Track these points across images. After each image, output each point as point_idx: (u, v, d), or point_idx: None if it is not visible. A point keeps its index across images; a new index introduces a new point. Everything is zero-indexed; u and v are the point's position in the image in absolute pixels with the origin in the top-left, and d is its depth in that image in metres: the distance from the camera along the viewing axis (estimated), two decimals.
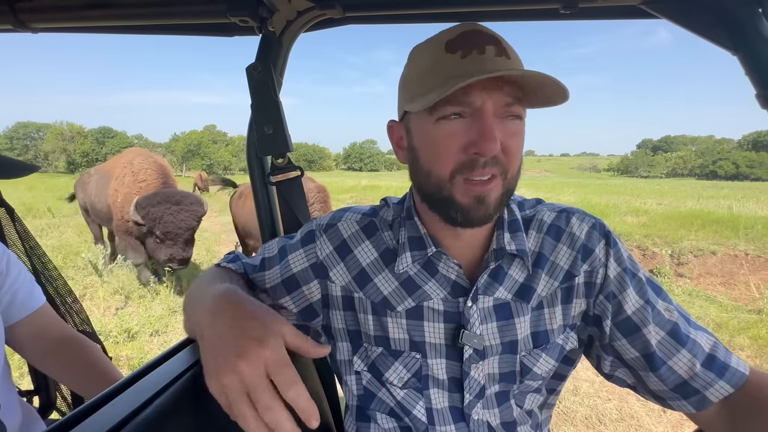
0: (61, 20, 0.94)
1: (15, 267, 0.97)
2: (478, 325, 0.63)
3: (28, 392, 1.22)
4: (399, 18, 0.90)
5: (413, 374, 0.65)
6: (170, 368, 0.55)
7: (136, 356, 3.27)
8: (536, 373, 0.65)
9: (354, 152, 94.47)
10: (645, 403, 2.68)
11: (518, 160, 0.56)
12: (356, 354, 0.69)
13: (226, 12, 0.81)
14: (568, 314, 0.65)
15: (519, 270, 0.64)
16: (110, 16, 0.90)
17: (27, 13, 0.95)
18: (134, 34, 0.99)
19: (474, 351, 0.63)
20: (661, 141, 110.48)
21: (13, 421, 0.87)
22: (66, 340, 1.00)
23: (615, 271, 0.63)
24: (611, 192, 17.64)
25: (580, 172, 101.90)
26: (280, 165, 0.91)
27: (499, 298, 0.63)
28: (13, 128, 65.05)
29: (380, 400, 0.68)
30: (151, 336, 3.71)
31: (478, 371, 0.64)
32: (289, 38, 0.90)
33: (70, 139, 60.87)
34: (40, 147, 62.55)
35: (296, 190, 0.92)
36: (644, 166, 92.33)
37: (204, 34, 0.99)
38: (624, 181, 45.85)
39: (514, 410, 0.67)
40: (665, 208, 9.92)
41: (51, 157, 60.50)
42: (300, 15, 0.86)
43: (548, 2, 0.78)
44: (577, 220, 0.66)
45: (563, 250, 0.64)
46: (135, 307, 4.37)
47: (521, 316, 0.63)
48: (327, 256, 0.69)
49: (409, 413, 0.66)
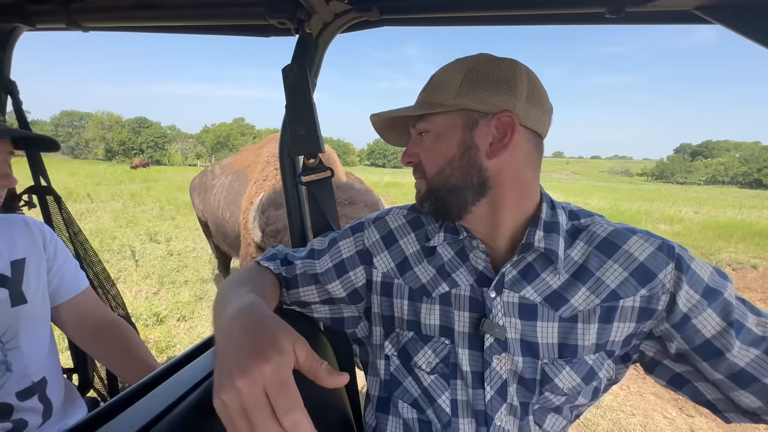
0: (111, 20, 0.99)
1: (62, 252, 1.03)
2: (500, 317, 0.63)
3: (67, 370, 1.30)
4: (435, 21, 0.89)
5: (441, 359, 0.66)
6: (205, 362, 0.57)
7: (163, 339, 3.41)
8: (557, 386, 0.62)
9: (378, 148, 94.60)
10: (672, 420, 2.57)
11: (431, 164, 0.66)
12: (387, 338, 0.72)
13: (265, 14, 0.83)
14: (604, 335, 0.62)
15: (552, 275, 0.63)
16: (156, 16, 0.93)
17: (79, 13, 1.00)
18: (177, 33, 1.02)
19: (495, 341, 0.63)
20: (701, 146, 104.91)
21: (57, 397, 0.93)
22: (107, 323, 1.06)
23: (687, 295, 0.59)
24: (644, 198, 16.90)
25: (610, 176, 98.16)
26: (311, 165, 0.92)
27: (526, 297, 0.63)
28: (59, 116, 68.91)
29: (405, 389, 0.70)
30: (178, 321, 3.86)
31: (500, 364, 0.63)
32: (325, 40, 0.90)
33: (108, 128, 63.91)
34: (81, 135, 66.00)
35: (326, 191, 0.93)
36: (681, 172, 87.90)
37: (242, 35, 1.01)
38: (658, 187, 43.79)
39: (533, 428, 0.65)
40: (702, 217, 9.42)
41: (91, 145, 63.78)
42: (337, 17, 0.86)
43: (592, 6, 0.75)
44: (639, 240, 0.61)
45: (613, 269, 0.61)
46: (164, 292, 4.56)
47: (546, 322, 0.62)
48: (373, 244, 0.73)
49: (434, 402, 0.66)
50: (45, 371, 0.91)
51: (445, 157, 0.63)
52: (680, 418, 2.61)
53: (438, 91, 0.64)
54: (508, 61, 0.62)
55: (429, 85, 0.66)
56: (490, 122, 0.61)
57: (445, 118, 0.64)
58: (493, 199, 0.63)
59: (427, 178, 0.66)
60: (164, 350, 3.24)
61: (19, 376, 0.85)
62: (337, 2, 0.81)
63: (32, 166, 1.28)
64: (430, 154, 0.65)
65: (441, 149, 0.64)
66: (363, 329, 0.78)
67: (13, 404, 0.83)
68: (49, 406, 0.90)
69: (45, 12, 1.03)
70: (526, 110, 0.60)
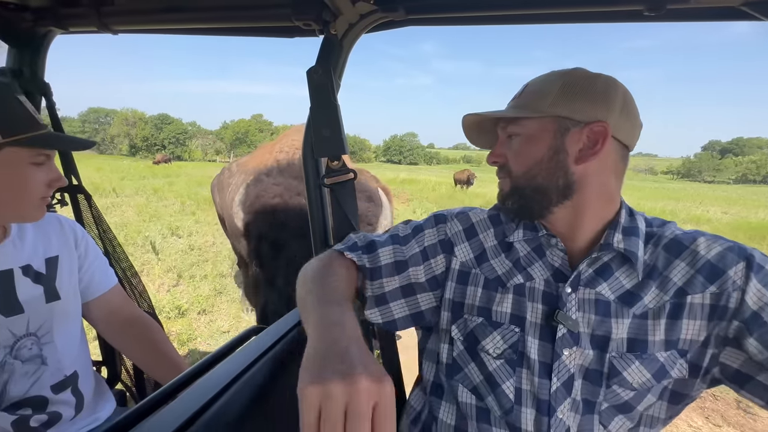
0: (140, 23, 1.01)
1: (93, 250, 1.06)
2: (574, 311, 0.66)
3: (96, 363, 1.35)
4: (464, 20, 0.87)
5: (510, 346, 0.69)
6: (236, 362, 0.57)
7: (185, 332, 3.50)
8: (625, 380, 0.64)
9: (394, 145, 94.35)
10: (697, 429, 2.49)
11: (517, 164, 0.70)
12: (455, 323, 0.75)
13: (291, 16, 0.83)
14: (674, 332, 0.64)
15: (627, 275, 0.66)
16: (184, 19, 0.95)
17: (110, 16, 1.02)
18: (204, 35, 1.03)
19: (568, 332, 0.66)
20: (731, 143, 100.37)
21: (88, 390, 0.96)
22: (134, 320, 1.09)
23: (758, 294, 0.60)
24: (669, 197, 16.33)
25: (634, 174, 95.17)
26: (334, 167, 0.92)
27: (602, 294, 0.66)
28: (86, 113, 71.32)
29: (465, 375, 0.72)
30: (198, 314, 3.96)
31: (570, 357, 0.66)
32: (349, 41, 0.89)
33: (132, 124, 65.78)
34: (107, 131, 68.16)
35: (349, 194, 0.93)
36: (709, 170, 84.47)
37: (266, 36, 1.01)
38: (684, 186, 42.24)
39: (596, 427, 0.65)
40: (732, 218, 9.03)
41: (116, 141, 65.82)
42: (362, 18, 0.85)
43: (630, 4, 0.72)
44: (707, 241, 0.64)
45: (679, 267, 0.64)
46: (185, 286, 4.68)
47: (620, 318, 0.65)
48: (455, 234, 0.78)
49: (497, 388, 0.68)
50: (77, 365, 0.94)
51: (533, 158, 0.68)
52: (706, 428, 2.51)
53: (534, 98, 0.68)
54: (605, 77, 0.67)
55: (524, 92, 0.71)
56: (582, 130, 0.65)
57: (537, 123, 0.68)
58: (576, 203, 0.67)
59: (512, 177, 0.71)
60: (185, 343, 3.33)
61: (54, 369, 0.88)
62: (363, 3, 0.80)
63: (64, 165, 1.33)
64: (519, 155, 0.70)
65: (530, 151, 0.68)
66: (435, 316, 0.80)
67: (48, 397, 0.86)
68: (80, 398, 0.93)
69: (77, 15, 1.06)
70: (618, 123, 0.65)
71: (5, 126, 0.75)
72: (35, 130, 0.80)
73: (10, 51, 1.13)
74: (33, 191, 0.81)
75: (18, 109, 0.78)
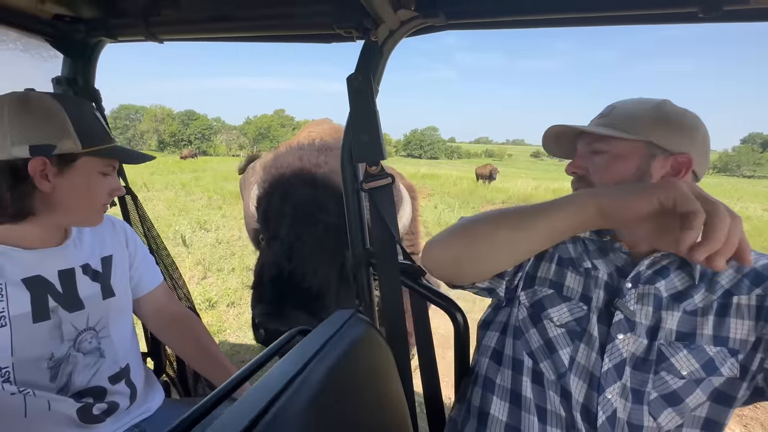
0: (186, 32, 1.05)
1: (141, 249, 1.12)
2: (632, 303, 0.73)
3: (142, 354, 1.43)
4: (504, 24, 0.86)
5: (575, 319, 0.76)
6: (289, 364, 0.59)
7: (215, 324, 3.63)
8: (673, 366, 0.68)
9: (414, 139, 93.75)
10: None
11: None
12: (524, 291, 0.83)
13: (333, 24, 0.84)
14: (723, 329, 0.68)
15: (681, 278, 0.73)
16: (227, 28, 0.98)
17: (158, 26, 1.07)
18: (245, 42, 1.06)
19: (625, 319, 0.72)
20: None
21: (140, 381, 1.02)
22: (180, 316, 1.15)
23: None
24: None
25: None
26: (372, 172, 0.93)
27: (659, 289, 0.72)
28: (117, 110, 74.21)
29: (526, 340, 0.80)
30: (227, 307, 4.10)
31: (624, 342, 0.71)
32: (389, 47, 0.90)
33: (160, 120, 68.05)
34: (137, 127, 70.77)
35: (387, 198, 0.94)
36: (749, 164, 79.81)
37: (306, 42, 1.03)
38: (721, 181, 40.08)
39: (646, 418, 0.69)
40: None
41: (146, 137, 68.31)
42: (403, 24, 0.86)
43: (684, 6, 0.69)
44: (755, 254, 0.69)
45: (727, 272, 0.71)
46: (214, 279, 4.84)
47: (670, 311, 0.71)
48: None
49: (554, 353, 0.76)
50: (129, 358, 1.01)
51: (619, 176, 0.74)
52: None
53: (625, 120, 0.75)
54: (692, 114, 0.74)
55: (613, 113, 0.78)
56: (667, 159, 0.72)
57: (628, 145, 0.74)
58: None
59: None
60: (215, 334, 3.46)
61: (110, 361, 0.94)
62: (404, 10, 0.80)
63: None
64: (605, 171, 0.76)
65: (617, 169, 0.74)
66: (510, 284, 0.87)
67: (106, 387, 0.92)
68: (134, 389, 0.99)
69: (127, 26, 1.11)
70: (698, 156, 0.72)
71: (85, 137, 0.81)
72: (108, 142, 0.86)
73: (65, 60, 1.20)
74: (98, 198, 0.88)
75: (95, 123, 0.85)
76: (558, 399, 0.74)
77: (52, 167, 0.78)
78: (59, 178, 0.80)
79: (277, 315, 1.23)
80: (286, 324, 1.21)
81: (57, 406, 0.83)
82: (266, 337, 1.26)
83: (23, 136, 0.75)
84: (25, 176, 0.76)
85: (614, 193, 0.59)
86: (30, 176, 0.77)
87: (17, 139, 0.75)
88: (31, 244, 0.84)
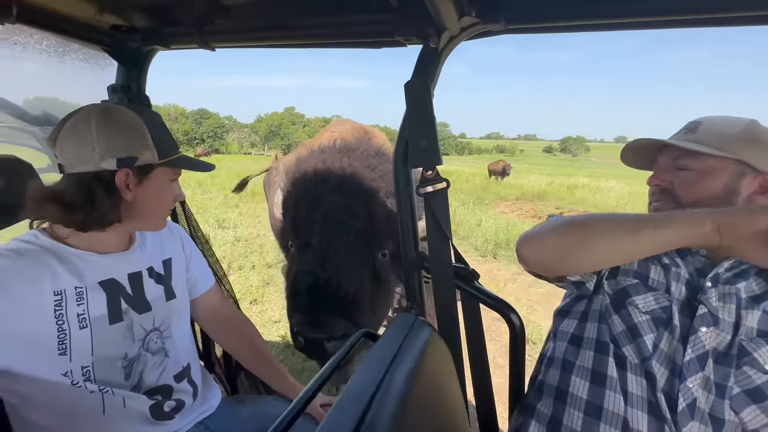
0: (239, 40, 1.07)
1: (195, 252, 1.16)
2: (715, 300, 0.75)
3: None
4: (564, 28, 0.85)
5: (661, 307, 0.79)
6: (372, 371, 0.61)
7: None
8: (756, 360, 0.70)
9: None
10: None
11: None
12: (608, 280, 0.86)
13: (394, 31, 0.85)
14: None
15: (758, 283, 0.75)
16: (282, 36, 1.00)
17: (210, 34, 1.09)
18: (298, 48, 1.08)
19: (709, 313, 0.74)
20: None
21: (198, 380, 1.06)
22: (233, 317, 1.18)
23: None
24: None
25: None
26: (429, 177, 0.94)
27: (740, 290, 0.75)
28: None
29: (608, 326, 0.83)
30: (250, 304, 4.16)
31: (707, 335, 0.74)
32: (447, 52, 0.90)
33: (174, 119, 69.09)
34: None
35: (442, 202, 0.95)
36: None
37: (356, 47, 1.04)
38: None
39: (727, 412, 0.70)
40: None
41: None
42: (463, 30, 0.86)
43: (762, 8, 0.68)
44: None
45: None
46: (236, 276, 4.93)
47: (749, 310, 0.73)
48: None
49: (638, 338, 0.78)
50: (189, 357, 1.04)
51: (707, 192, 0.77)
52: None
53: (714, 137, 0.77)
54: None
55: (700, 129, 0.80)
56: (756, 178, 0.75)
57: (715, 162, 0.76)
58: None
59: (678, 203, 0.81)
60: None
61: (174, 361, 0.98)
62: (467, 17, 0.81)
63: None
64: (693, 187, 0.79)
65: (706, 185, 0.77)
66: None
67: (172, 385, 0.96)
68: (195, 387, 1.02)
69: (181, 34, 1.14)
70: None
71: (161, 148, 0.85)
72: (176, 152, 0.90)
73: (119, 69, 1.24)
74: (167, 205, 0.91)
75: (166, 133, 0.89)
76: (642, 381, 0.76)
77: (133, 178, 0.82)
78: (138, 187, 0.83)
79: (315, 323, 1.27)
80: (324, 332, 1.25)
81: (132, 403, 0.86)
82: (305, 344, 1.28)
83: (110, 148, 0.79)
84: (113, 187, 0.80)
85: (732, 212, 0.63)
86: (117, 187, 0.80)
87: (105, 151, 0.78)
88: (106, 249, 0.87)
